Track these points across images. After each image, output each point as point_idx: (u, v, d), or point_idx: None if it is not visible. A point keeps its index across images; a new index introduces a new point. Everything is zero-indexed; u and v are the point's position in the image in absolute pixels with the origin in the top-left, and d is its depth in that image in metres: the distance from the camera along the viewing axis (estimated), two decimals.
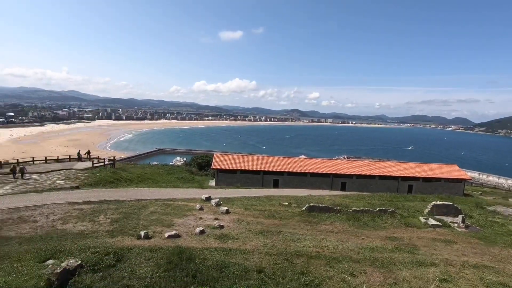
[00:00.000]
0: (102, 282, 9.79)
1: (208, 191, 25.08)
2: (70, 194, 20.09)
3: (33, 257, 10.83)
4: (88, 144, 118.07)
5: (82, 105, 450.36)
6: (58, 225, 14.52)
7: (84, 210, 16.75)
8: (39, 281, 9.27)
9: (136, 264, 11.04)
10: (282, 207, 20.93)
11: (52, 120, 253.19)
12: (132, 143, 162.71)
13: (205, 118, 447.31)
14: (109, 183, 24.99)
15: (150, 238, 13.44)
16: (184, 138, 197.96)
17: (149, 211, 17.39)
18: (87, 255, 11.09)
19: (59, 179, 24.33)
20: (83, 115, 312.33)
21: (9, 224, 14.23)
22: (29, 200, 18.14)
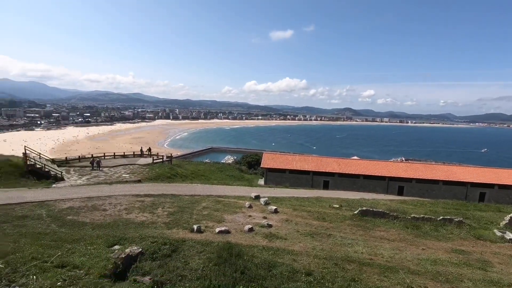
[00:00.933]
0: (159, 270, 10.56)
1: (257, 190, 25.41)
2: (134, 187, 22.11)
3: (103, 241, 12.15)
4: (149, 142, 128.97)
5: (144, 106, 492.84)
6: (123, 215, 16.09)
7: (145, 202, 18.29)
8: (107, 263, 10.37)
9: (189, 256, 11.67)
10: (332, 210, 20.22)
11: (119, 120, 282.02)
12: (187, 141, 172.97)
13: (255, 118, 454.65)
14: (167, 178, 26.92)
15: (202, 232, 14.10)
16: (234, 137, 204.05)
17: (201, 206, 18.27)
18: (147, 244, 12.06)
19: (125, 173, 26.98)
20: (145, 115, 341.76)
21: (85, 211, 16.21)
22: (101, 190, 20.44)
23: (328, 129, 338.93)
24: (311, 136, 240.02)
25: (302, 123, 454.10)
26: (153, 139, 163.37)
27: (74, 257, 10.49)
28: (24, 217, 14.64)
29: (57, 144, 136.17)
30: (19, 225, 13.67)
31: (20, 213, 15.15)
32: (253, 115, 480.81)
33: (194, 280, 10.08)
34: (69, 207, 16.56)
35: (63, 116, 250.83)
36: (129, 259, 11.08)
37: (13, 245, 10.79)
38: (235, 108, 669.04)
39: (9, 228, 13.10)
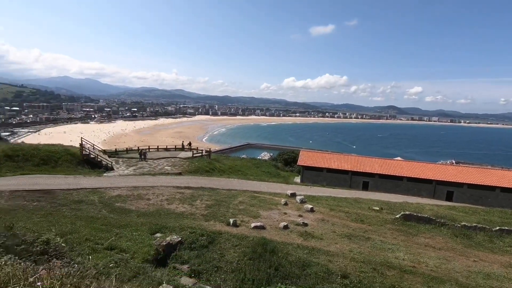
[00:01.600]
0: (196, 259, 11.00)
1: (293, 187, 25.21)
2: (175, 179, 23.22)
3: (147, 229, 12.96)
4: (189, 136, 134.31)
5: (186, 101, 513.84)
6: (165, 205, 17.00)
7: (184, 194, 19.12)
8: (150, 249, 11.05)
9: (225, 248, 11.99)
10: (372, 212, 19.36)
11: (163, 115, 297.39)
12: (225, 136, 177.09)
13: (293, 115, 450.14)
14: (205, 172, 27.85)
15: (238, 226, 14.38)
16: (271, 134, 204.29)
17: (237, 201, 18.61)
18: (186, 234, 12.61)
19: (167, 165, 28.45)
20: (186, 110, 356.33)
21: (131, 200, 17.41)
22: (145, 181, 21.79)
23: (369, 128, 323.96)
24: (351, 135, 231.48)
25: (341, 121, 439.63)
26: (193, 134, 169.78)
27: (121, 241, 11.34)
28: (79, 202, 16.15)
29: (108, 136, 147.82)
30: (76, 208, 15.11)
31: (77, 198, 16.73)
32: (291, 112, 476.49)
33: (229, 272, 10.34)
34: (117, 195, 17.91)
35: (113, 110, 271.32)
36: (169, 247, 11.71)
37: (71, 226, 11.97)
38: (273, 104, 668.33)
39: (67, 210, 14.55)
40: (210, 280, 9.77)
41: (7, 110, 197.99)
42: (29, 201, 15.25)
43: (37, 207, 14.55)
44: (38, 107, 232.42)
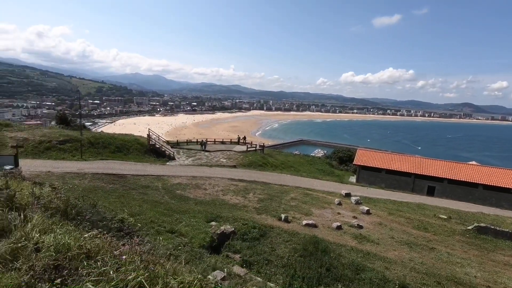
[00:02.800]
0: (248, 250, 11.33)
1: (348, 187, 24.18)
2: (229, 171, 24.14)
3: (203, 216, 13.76)
4: (243, 131, 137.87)
5: (241, 97, 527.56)
6: (220, 195, 17.82)
7: (238, 186, 19.77)
8: (205, 236, 11.73)
9: (276, 243, 12.10)
10: (437, 220, 17.56)
11: (220, 109, 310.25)
12: (278, 132, 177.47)
13: (350, 111, 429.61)
14: (258, 166, 28.35)
15: (289, 222, 14.38)
16: (326, 131, 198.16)
17: (289, 197, 18.58)
18: (239, 225, 13.06)
19: (222, 158, 29.70)
20: (242, 105, 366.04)
21: (190, 188, 18.64)
22: (203, 171, 23.08)
23: (438, 127, 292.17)
24: (415, 134, 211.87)
25: (405, 119, 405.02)
26: (247, 128, 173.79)
27: (181, 226, 12.24)
28: (146, 187, 17.86)
29: (171, 128, 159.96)
30: (143, 192, 16.75)
31: (144, 183, 18.53)
32: (348, 108, 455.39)
33: (280, 267, 10.42)
34: (178, 183, 19.34)
35: (176, 104, 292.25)
36: (223, 236, 12.27)
37: (139, 208, 13.33)
38: (329, 100, 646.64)
39: (136, 194, 16.21)
40: (261, 272, 9.98)
41: (90, 103, 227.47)
42: (106, 183, 17.38)
43: (112, 189, 16.51)
44: (114, 101, 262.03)
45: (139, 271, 1.92)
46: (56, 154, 22.90)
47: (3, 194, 3.73)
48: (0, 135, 23.43)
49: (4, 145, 21.45)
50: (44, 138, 24.38)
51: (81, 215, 4.54)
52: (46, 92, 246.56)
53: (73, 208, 4.56)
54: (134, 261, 2.04)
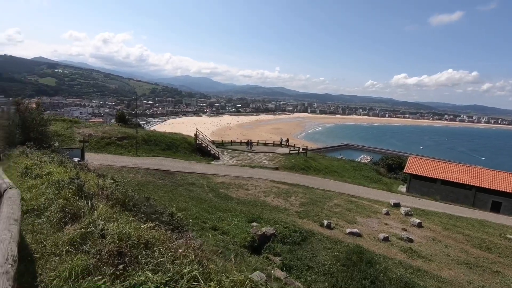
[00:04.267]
0: (288, 254, 11.22)
1: (397, 197, 22.66)
2: (271, 173, 24.19)
3: (245, 216, 13.97)
4: (286, 133, 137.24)
5: (285, 99, 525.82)
6: (261, 197, 17.94)
7: (280, 189, 19.71)
8: (247, 236, 11.88)
9: (317, 249, 11.80)
10: (504, 241, 15.57)
11: (263, 111, 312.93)
12: (321, 135, 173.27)
13: (401, 116, 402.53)
14: (301, 169, 27.96)
15: (332, 229, 13.92)
16: (373, 135, 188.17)
17: (333, 203, 18.00)
18: (280, 228, 13.00)
19: (265, 159, 29.90)
20: (285, 107, 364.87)
21: (232, 188, 19.08)
22: (245, 172, 23.46)
23: (505, 136, 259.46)
24: (478, 143, 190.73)
25: (466, 125, 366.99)
26: (290, 130, 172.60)
27: (223, 224, 12.57)
28: (192, 184, 18.70)
29: (216, 128, 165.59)
30: (189, 189, 17.57)
31: (190, 180, 19.43)
32: (399, 113, 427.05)
33: (321, 274, 10.14)
34: (221, 182, 19.92)
35: (221, 106, 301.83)
36: (264, 238, 12.32)
37: (185, 204, 14.00)
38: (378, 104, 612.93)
39: (183, 190, 17.06)
40: (301, 278, 9.81)
41: (144, 103, 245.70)
42: (156, 178, 18.59)
43: (162, 184, 17.59)
44: (165, 102, 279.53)
45: (194, 266, 2.02)
46: (114, 149, 25.15)
47: (74, 183, 4.20)
48: (70, 131, 26.45)
49: (73, 139, 24.17)
50: (105, 135, 26.94)
51: (137, 207, 4.90)
52: (108, 93, 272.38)
53: (130, 200, 4.95)
54: (189, 256, 2.15)
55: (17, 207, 2.59)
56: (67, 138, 24.46)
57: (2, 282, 1.24)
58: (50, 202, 4.19)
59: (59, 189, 4.39)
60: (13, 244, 1.75)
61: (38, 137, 12.74)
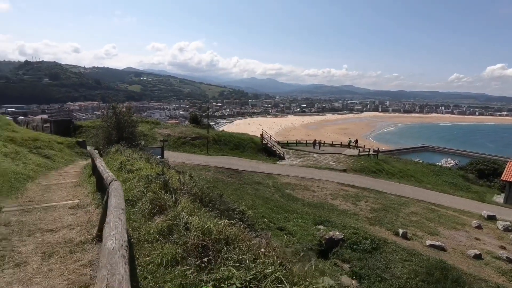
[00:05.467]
0: (358, 262, 10.58)
1: (492, 208, 19.36)
2: (339, 175, 23.19)
3: (311, 218, 13.69)
4: (354, 133, 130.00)
5: (353, 97, 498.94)
6: (328, 199, 17.34)
7: (348, 192, 18.75)
8: (313, 239, 11.62)
9: (392, 260, 10.84)
10: None
11: (329, 111, 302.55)
12: (394, 135, 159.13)
13: (496, 113, 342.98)
14: (371, 172, 26.13)
15: (408, 239, 12.65)
16: (458, 136, 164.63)
17: (409, 211, 16.34)
18: (348, 233, 12.36)
19: (332, 161, 28.83)
20: (353, 107, 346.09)
21: (298, 189, 18.90)
22: (311, 173, 23.00)
23: None
24: None
25: None
26: (358, 131, 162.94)
27: (289, 225, 12.54)
28: (258, 183, 19.14)
29: (280, 129, 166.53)
30: (255, 188, 18.02)
31: (256, 179, 19.92)
32: (493, 110, 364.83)
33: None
34: (287, 182, 19.91)
35: (286, 106, 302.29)
36: (331, 242, 11.86)
37: (252, 203, 14.40)
38: (465, 100, 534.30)
39: (250, 189, 17.59)
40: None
41: (214, 105, 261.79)
42: (225, 176, 19.57)
43: (230, 182, 18.44)
44: (232, 103, 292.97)
45: (276, 267, 2.03)
46: (189, 148, 27.38)
47: (161, 179, 4.68)
48: (153, 131, 29.76)
49: (155, 139, 27.13)
50: (181, 135, 29.53)
51: (212, 203, 5.21)
52: (183, 96, 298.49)
53: (206, 196, 5.29)
54: (270, 256, 2.18)
55: (122, 197, 3.00)
56: (150, 137, 27.59)
57: (122, 265, 1.45)
58: (141, 195, 4.76)
59: (148, 183, 4.95)
60: (124, 230, 2.03)
61: (129, 137, 14.67)
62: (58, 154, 15.12)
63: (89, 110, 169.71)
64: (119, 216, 2.28)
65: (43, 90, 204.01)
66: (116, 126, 14.86)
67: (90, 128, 30.38)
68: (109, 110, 15.51)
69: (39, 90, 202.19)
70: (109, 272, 1.30)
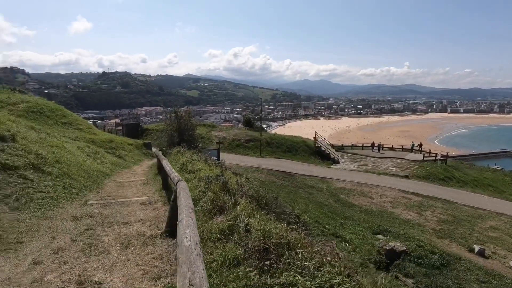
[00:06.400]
0: (424, 278, 9.62)
1: None
2: (400, 182, 21.47)
3: (368, 227, 12.92)
4: (417, 136, 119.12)
5: (416, 97, 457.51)
6: (388, 207, 16.17)
7: (411, 201, 17.24)
8: (371, 248, 10.94)
9: (465, 279, 9.63)
10: None
11: (388, 112, 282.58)
12: (466, 139, 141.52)
13: None
14: (439, 179, 23.60)
15: (487, 258, 11.11)
16: None
17: (487, 225, 14.35)
18: (412, 245, 11.33)
19: (392, 166, 26.83)
20: (416, 107, 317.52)
21: (354, 194, 18.00)
22: (368, 178, 21.73)
23: None
24: None
25: None
26: (422, 133, 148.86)
27: (345, 232, 12.01)
28: (311, 187, 18.75)
29: (334, 131, 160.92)
30: (308, 192, 17.69)
31: (309, 183, 19.54)
32: None
33: None
34: (342, 187, 19.13)
35: (340, 108, 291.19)
36: (392, 253, 11.01)
37: (305, 207, 14.17)
38: None
39: (303, 193, 17.33)
40: None
41: (266, 108, 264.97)
42: (278, 179, 19.61)
43: (283, 185, 18.40)
44: (284, 106, 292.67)
45: (344, 277, 1.96)
46: (242, 150, 28.12)
47: (220, 180, 4.89)
48: (209, 134, 31.30)
49: (211, 141, 28.50)
50: (235, 137, 30.50)
51: (268, 206, 5.25)
52: (236, 100, 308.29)
53: (262, 198, 5.35)
54: (336, 265, 2.11)
55: (189, 197, 3.22)
56: (207, 140, 29.06)
57: (199, 263, 1.56)
58: (202, 194, 5.03)
59: (208, 184, 5.20)
60: (196, 229, 2.17)
61: (188, 139, 15.71)
62: (128, 155, 16.85)
63: (153, 115, 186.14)
64: (189, 215, 2.44)
65: (116, 97, 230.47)
66: (177, 129, 16.02)
67: (154, 131, 33.25)
68: (171, 115, 16.81)
69: (113, 97, 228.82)
70: (189, 269, 1.41)
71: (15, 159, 6.39)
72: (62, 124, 18.80)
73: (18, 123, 10.15)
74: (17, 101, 18.69)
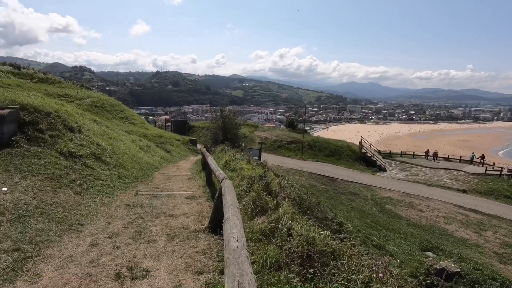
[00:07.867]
0: None
1: None
2: (456, 196, 19.55)
3: (417, 242, 11.95)
4: (478, 147, 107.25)
5: (480, 104, 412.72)
6: (440, 223, 14.82)
7: (469, 218, 15.58)
8: (419, 266, 10.09)
9: None
10: None
11: (445, 119, 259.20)
12: None
13: None
14: (504, 197, 20.96)
15: None
16: None
17: None
18: (467, 268, 10.24)
19: (447, 178, 24.53)
20: (479, 115, 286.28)
21: (401, 205, 16.82)
22: (418, 190, 20.14)
23: None
24: None
25: None
26: (485, 144, 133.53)
27: (389, 245, 11.26)
28: (354, 194, 17.95)
29: (381, 137, 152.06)
30: (351, 199, 16.96)
31: (353, 190, 18.73)
32: None
33: None
34: (388, 197, 18.00)
35: (389, 112, 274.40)
36: (443, 274, 10.05)
37: (347, 214, 13.60)
38: None
39: (345, 199, 16.67)
40: None
41: (310, 110, 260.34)
42: (319, 183, 19.12)
43: (324, 189, 17.90)
44: (329, 108, 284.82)
45: None
46: (284, 152, 27.98)
47: (263, 180, 4.89)
48: (252, 134, 31.69)
49: (254, 141, 28.82)
50: (277, 138, 30.46)
51: (310, 211, 5.11)
52: (280, 101, 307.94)
53: (304, 202, 5.23)
54: (388, 283, 1.97)
55: (235, 196, 3.26)
56: (249, 139, 29.45)
57: (247, 266, 1.56)
58: (244, 194, 5.07)
59: (251, 184, 5.23)
60: (242, 229, 2.19)
61: (232, 138, 16.08)
62: (175, 150, 17.78)
63: (199, 113, 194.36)
64: (235, 214, 2.47)
65: (167, 95, 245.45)
66: (222, 127, 16.49)
67: (200, 128, 34.65)
68: (217, 113, 17.35)
69: (164, 95, 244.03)
70: (238, 271, 1.41)
71: (80, 148, 7.10)
72: (120, 119, 20.52)
73: (84, 116, 11.29)
74: (84, 96, 20.82)
